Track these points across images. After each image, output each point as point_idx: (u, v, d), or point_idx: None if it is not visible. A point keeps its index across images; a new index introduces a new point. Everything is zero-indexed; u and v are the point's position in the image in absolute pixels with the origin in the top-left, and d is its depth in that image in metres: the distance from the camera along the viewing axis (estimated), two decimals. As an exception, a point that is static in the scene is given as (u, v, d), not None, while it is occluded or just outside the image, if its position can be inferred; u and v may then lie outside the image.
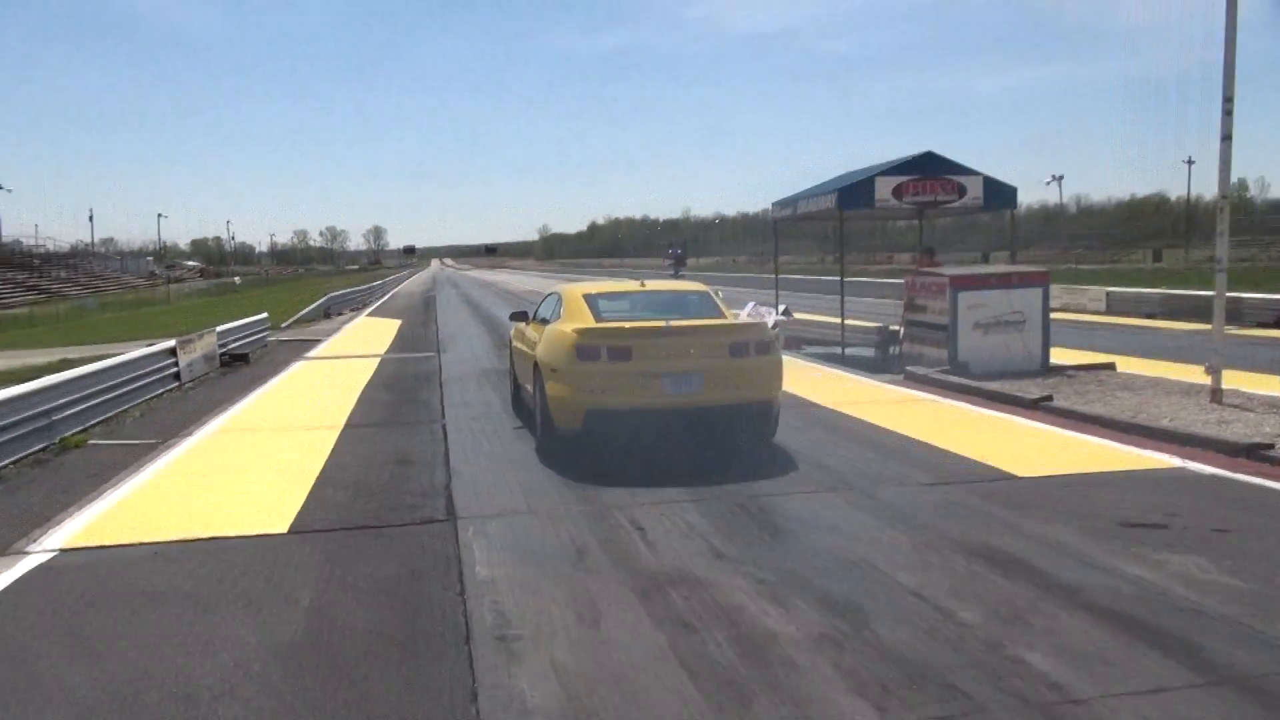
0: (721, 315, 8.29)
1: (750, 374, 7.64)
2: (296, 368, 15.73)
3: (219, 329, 16.72)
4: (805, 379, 12.75)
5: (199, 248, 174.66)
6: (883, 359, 14.27)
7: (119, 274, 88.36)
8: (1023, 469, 7.21)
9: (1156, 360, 13.91)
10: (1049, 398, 10.03)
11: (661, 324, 7.66)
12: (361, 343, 20.62)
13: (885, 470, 7.33)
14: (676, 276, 28.83)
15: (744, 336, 7.80)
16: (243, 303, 50.60)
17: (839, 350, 15.88)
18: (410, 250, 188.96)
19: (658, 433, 7.43)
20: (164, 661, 4.03)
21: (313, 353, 18.34)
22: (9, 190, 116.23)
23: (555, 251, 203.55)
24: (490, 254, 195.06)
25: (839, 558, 5.29)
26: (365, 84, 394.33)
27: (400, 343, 20.28)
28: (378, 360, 16.42)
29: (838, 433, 8.95)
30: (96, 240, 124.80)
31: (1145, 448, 7.83)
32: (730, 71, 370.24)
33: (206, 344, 15.41)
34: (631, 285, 9.19)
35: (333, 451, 8.40)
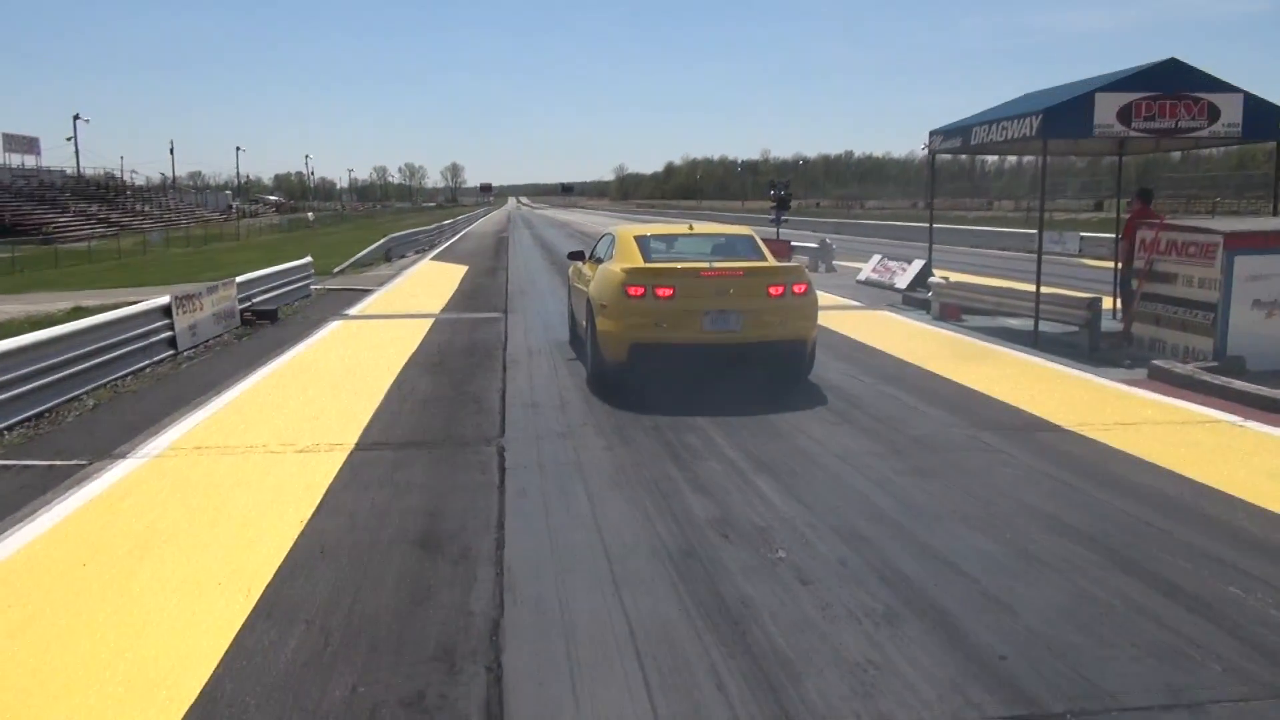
0: (763, 258, 8.54)
1: (787, 314, 7.82)
2: (329, 331, 12.65)
3: (241, 279, 13.74)
4: (1003, 374, 9.12)
5: (282, 182, 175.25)
6: (1093, 344, 10.53)
7: (195, 208, 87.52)
8: None
9: None
10: None
11: (704, 265, 7.99)
12: (416, 296, 17.51)
13: (1325, 618, 3.79)
14: (779, 222, 25.09)
15: (782, 279, 7.92)
16: (312, 240, 48.34)
17: (1014, 325, 12.22)
18: (487, 188, 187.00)
19: (697, 367, 7.80)
20: None
21: (356, 308, 15.26)
22: (88, 121, 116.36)
23: (630, 192, 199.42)
24: (566, 193, 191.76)
25: None
26: (445, 20, 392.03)
27: (461, 297, 17.11)
28: (430, 322, 13.26)
29: (1134, 496, 5.39)
30: (185, 174, 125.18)
31: None
32: (812, 5, 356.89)
33: (221, 299, 12.43)
34: (681, 228, 9.42)
35: (318, 508, 5.19)
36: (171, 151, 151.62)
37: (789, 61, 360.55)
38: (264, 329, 13.19)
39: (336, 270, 23.22)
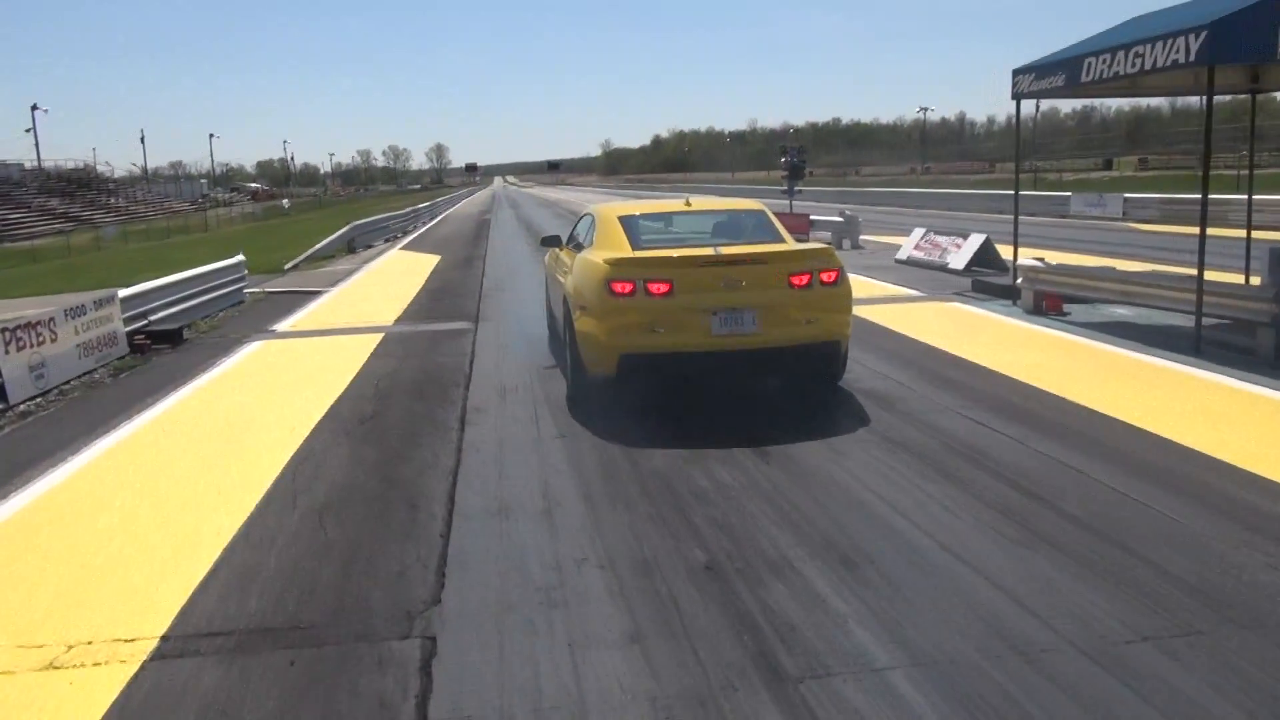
0: (780, 239, 7.00)
1: (815, 309, 6.35)
2: (240, 359, 9.54)
3: (127, 292, 10.55)
4: (1196, 408, 6.13)
5: (264, 169, 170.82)
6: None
7: (166, 199, 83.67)
8: None
9: None
10: None
11: (709, 252, 6.53)
12: (370, 299, 14.33)
13: None
14: (792, 193, 22.15)
15: (806, 264, 6.40)
16: (284, 228, 44.98)
17: (1131, 317, 9.34)
18: (472, 168, 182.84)
19: (704, 379, 6.78)
20: None
21: (289, 320, 12.11)
22: (46, 111, 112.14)
23: (618, 167, 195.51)
24: (553, 170, 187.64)
25: None
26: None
27: (425, 298, 13.96)
28: (378, 339, 10.18)
29: None
30: (166, 164, 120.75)
31: None
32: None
33: (92, 322, 9.30)
34: (676, 205, 7.88)
35: None
36: (142, 140, 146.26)
37: (772, 28, 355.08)
38: (160, 356, 10.09)
39: (288, 266, 20.04)
